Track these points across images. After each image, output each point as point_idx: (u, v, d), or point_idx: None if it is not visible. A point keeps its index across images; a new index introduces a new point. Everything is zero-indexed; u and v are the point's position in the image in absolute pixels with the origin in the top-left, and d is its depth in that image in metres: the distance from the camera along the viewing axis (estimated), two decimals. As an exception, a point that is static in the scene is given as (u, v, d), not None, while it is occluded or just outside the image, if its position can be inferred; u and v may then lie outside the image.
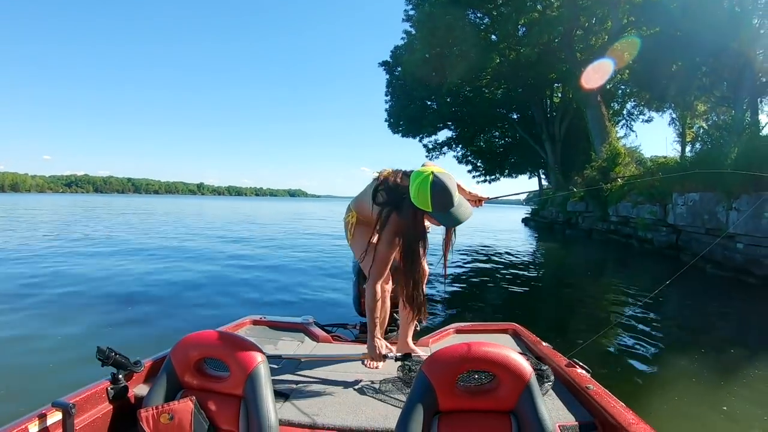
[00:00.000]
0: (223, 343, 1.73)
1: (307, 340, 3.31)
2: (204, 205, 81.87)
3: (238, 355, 1.70)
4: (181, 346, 1.74)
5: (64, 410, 1.76)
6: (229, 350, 1.71)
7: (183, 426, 1.66)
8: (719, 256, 12.00)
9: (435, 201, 2.35)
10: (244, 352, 1.71)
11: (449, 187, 2.34)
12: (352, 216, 3.11)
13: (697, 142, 18.52)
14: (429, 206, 2.37)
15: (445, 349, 1.65)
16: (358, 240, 3.08)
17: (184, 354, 1.73)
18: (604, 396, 2.10)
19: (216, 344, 1.73)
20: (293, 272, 11.40)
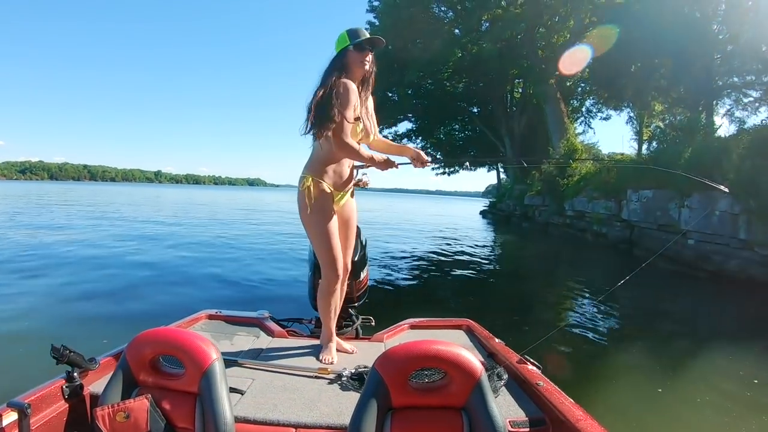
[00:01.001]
0: (178, 340, 1.73)
1: (262, 335, 3.28)
2: (161, 193, 79.73)
3: (192, 352, 1.69)
4: (136, 344, 1.73)
5: (19, 410, 1.73)
6: (184, 347, 1.70)
7: (139, 425, 1.66)
8: (671, 252, 12.47)
9: (349, 31, 2.85)
10: (199, 350, 1.70)
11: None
12: (307, 180, 2.83)
13: (654, 140, 19.01)
14: (346, 38, 2.82)
15: (398, 347, 1.69)
16: (318, 214, 2.82)
17: (138, 352, 1.72)
18: (554, 393, 2.14)
19: (171, 342, 1.73)
20: (249, 265, 11.20)
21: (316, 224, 2.83)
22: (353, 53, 2.81)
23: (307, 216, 2.82)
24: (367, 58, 2.86)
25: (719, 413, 4.28)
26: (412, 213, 42.76)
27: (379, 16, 34.20)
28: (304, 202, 2.80)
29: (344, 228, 3.04)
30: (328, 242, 2.82)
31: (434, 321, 3.64)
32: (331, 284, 2.88)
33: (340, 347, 3.05)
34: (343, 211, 3.00)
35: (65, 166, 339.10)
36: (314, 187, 2.79)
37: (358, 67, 2.84)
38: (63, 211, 26.17)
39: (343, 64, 2.82)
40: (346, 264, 3.08)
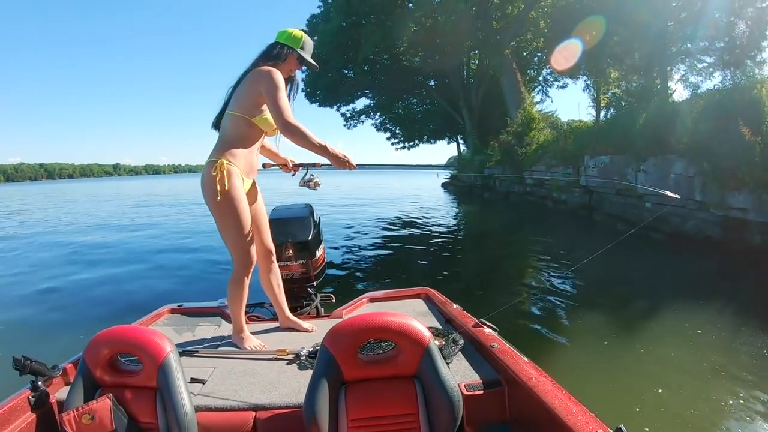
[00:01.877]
0: (132, 336, 1.75)
1: (223, 323, 3.30)
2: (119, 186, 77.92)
3: (147, 347, 1.72)
4: (93, 345, 1.75)
5: None
6: (138, 343, 1.73)
7: (104, 424, 1.68)
8: (629, 215, 12.79)
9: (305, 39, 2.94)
10: (153, 344, 1.73)
11: None
12: (219, 164, 2.69)
13: (611, 107, 19.30)
14: (300, 42, 2.91)
15: (345, 322, 1.73)
16: (230, 200, 2.69)
17: (96, 353, 1.74)
18: (508, 353, 2.18)
19: (125, 339, 1.75)
20: (207, 254, 11.08)
21: (226, 212, 2.71)
22: (292, 58, 2.88)
23: (217, 203, 2.69)
24: (295, 68, 2.95)
25: (667, 364, 4.50)
26: (372, 188, 42.67)
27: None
28: (213, 187, 2.66)
29: (256, 214, 3.02)
30: (240, 230, 2.75)
31: (393, 292, 3.69)
32: (242, 274, 2.84)
33: (299, 327, 3.10)
34: (251, 196, 2.96)
35: (21, 166, 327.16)
36: (227, 171, 2.69)
37: (285, 70, 2.87)
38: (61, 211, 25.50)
39: (281, 58, 2.86)
40: (269, 247, 3.11)
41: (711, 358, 4.59)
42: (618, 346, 4.94)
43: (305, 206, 4.29)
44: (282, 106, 2.66)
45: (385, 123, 47.03)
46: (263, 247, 3.08)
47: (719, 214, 9.52)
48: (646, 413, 3.62)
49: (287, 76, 2.91)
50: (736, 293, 7.04)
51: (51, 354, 2.15)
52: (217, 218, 2.76)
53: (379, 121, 46.68)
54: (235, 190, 2.71)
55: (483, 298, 6.67)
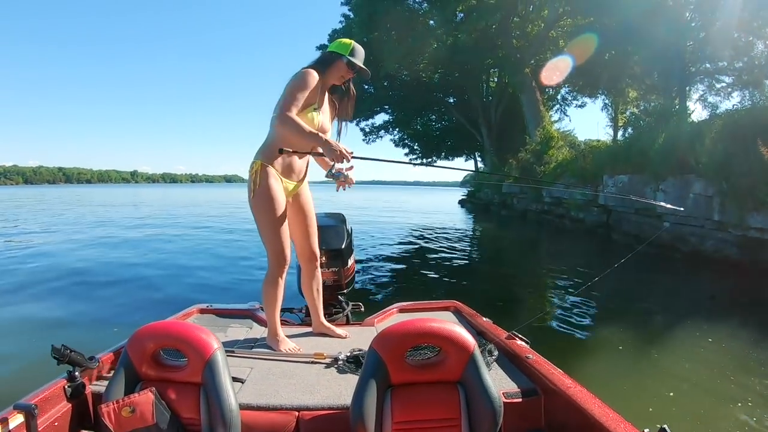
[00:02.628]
0: (179, 332, 1.76)
1: (255, 326, 3.32)
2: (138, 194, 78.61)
3: (194, 343, 1.72)
4: (137, 339, 1.75)
5: (26, 412, 1.75)
6: (185, 339, 1.73)
7: (145, 417, 1.68)
8: (648, 234, 12.74)
9: (354, 45, 2.95)
10: (200, 340, 1.73)
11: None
12: (256, 165, 2.84)
13: (629, 126, 19.28)
14: (348, 49, 2.92)
15: (394, 326, 1.76)
16: (263, 199, 2.80)
17: (140, 346, 1.74)
18: (543, 364, 2.25)
19: (171, 334, 1.75)
20: (234, 258, 11.26)
21: (260, 210, 2.82)
22: (342, 64, 2.91)
23: (252, 201, 2.83)
24: (347, 75, 2.98)
25: (696, 379, 4.51)
26: (392, 204, 42.78)
27: (354, 9, 34.13)
28: (251, 186, 2.81)
29: (302, 217, 3.08)
30: (273, 230, 2.83)
31: (422, 304, 3.72)
32: (276, 274, 2.88)
33: (332, 333, 3.12)
34: (297, 201, 3.04)
35: (40, 169, 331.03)
36: (261, 171, 2.80)
37: (335, 77, 2.95)
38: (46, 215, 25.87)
39: (327, 63, 2.92)
40: (314, 251, 3.15)
41: (731, 372, 4.63)
42: (641, 360, 4.99)
43: (339, 215, 4.34)
44: (287, 97, 2.73)
45: (404, 139, 47.19)
46: (308, 251, 3.14)
47: (737, 234, 9.51)
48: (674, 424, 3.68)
49: (339, 83, 3.00)
50: (755, 311, 7.04)
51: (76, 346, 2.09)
52: (254, 216, 2.86)
53: (397, 137, 46.88)
54: (269, 190, 2.78)
55: (508, 312, 6.73)
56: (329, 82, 2.97)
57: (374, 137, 45.01)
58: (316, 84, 2.83)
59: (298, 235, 3.10)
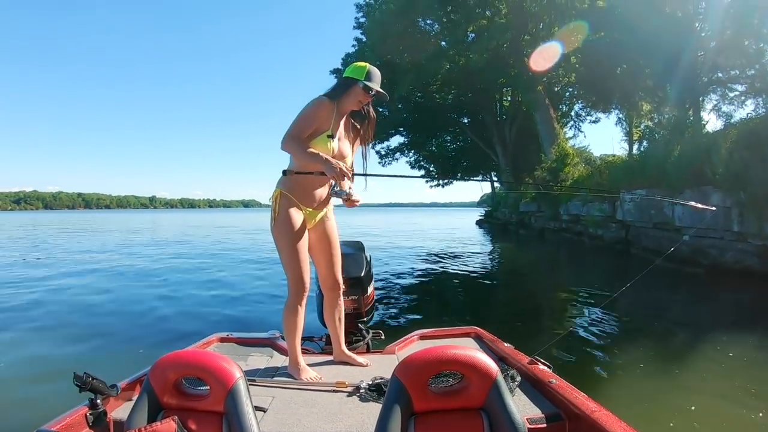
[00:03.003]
0: (201, 361, 1.74)
1: (275, 354, 3.35)
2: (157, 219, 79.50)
3: (216, 372, 1.70)
4: (159, 367, 1.73)
5: None
6: (207, 368, 1.71)
7: None
8: (667, 249, 12.54)
9: (370, 69, 2.93)
10: (223, 369, 1.71)
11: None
12: (276, 192, 2.93)
13: (644, 140, 19.18)
14: (363, 73, 2.90)
15: (416, 354, 1.72)
16: (283, 226, 2.87)
17: (162, 375, 1.72)
18: (566, 389, 2.24)
19: (193, 363, 1.74)
20: (252, 285, 11.11)
21: (280, 237, 2.87)
22: (358, 89, 2.89)
23: (273, 228, 2.89)
24: (365, 100, 2.95)
25: (720, 395, 4.37)
26: (409, 226, 42.75)
27: (366, 33, 34.53)
28: (272, 214, 2.89)
29: (326, 244, 3.10)
30: (292, 257, 2.86)
31: (443, 330, 3.71)
32: (295, 301, 2.90)
33: (354, 361, 3.12)
34: (319, 229, 3.06)
35: (59, 195, 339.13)
36: (281, 199, 2.87)
37: (352, 102, 2.93)
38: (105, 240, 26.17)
39: (342, 89, 2.92)
40: (337, 280, 3.16)
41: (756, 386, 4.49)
42: (665, 378, 4.84)
43: (358, 243, 4.36)
44: (293, 124, 2.80)
45: (420, 161, 47.37)
46: (331, 279, 3.14)
47: (758, 244, 9.33)
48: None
49: (358, 108, 2.99)
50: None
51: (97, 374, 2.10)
52: (275, 243, 2.91)
53: (413, 159, 47.06)
54: (288, 218, 2.85)
55: (528, 335, 6.61)
56: (347, 107, 2.97)
57: (390, 159, 45.18)
58: (328, 111, 2.86)
59: (321, 263, 3.13)
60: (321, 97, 2.87)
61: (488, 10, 28.67)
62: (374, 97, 2.98)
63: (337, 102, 2.90)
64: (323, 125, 2.85)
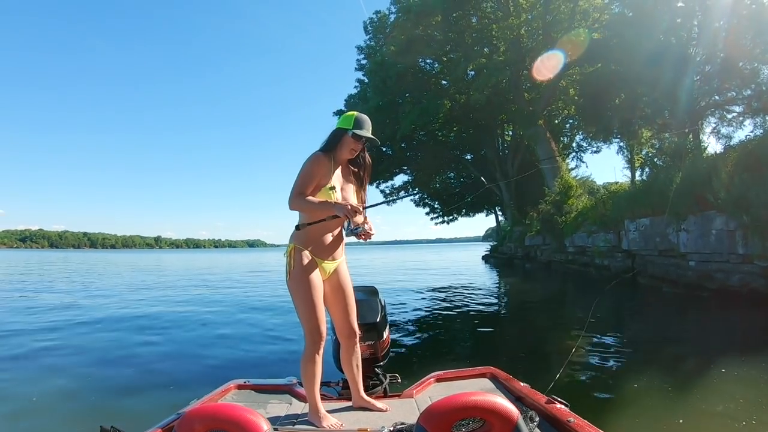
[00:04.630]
0: (227, 414, 1.77)
1: (294, 401, 3.33)
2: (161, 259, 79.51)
3: (244, 425, 1.73)
4: (186, 421, 1.76)
5: None
6: (235, 421, 1.74)
7: None
8: (673, 275, 12.53)
9: (357, 117, 3.02)
10: (250, 422, 1.74)
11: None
12: (289, 248, 3.01)
13: (646, 167, 19.26)
14: (351, 122, 3.00)
15: (439, 402, 1.77)
16: (298, 281, 2.93)
17: (189, 429, 1.75)
18: (585, 427, 2.22)
19: (220, 417, 1.77)
20: (265, 329, 11.03)
21: (296, 291, 2.93)
22: (348, 138, 3.00)
23: (289, 282, 2.96)
24: (357, 147, 3.05)
25: (738, 419, 4.34)
26: (414, 264, 42.66)
27: (368, 74, 35.11)
28: (287, 268, 2.96)
29: (340, 295, 3.14)
30: (309, 310, 2.91)
31: (458, 372, 3.70)
32: (312, 350, 2.94)
33: (373, 406, 3.11)
34: (333, 279, 3.11)
35: (65, 234, 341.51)
36: (295, 254, 2.94)
37: (346, 151, 3.03)
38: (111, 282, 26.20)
39: (335, 142, 3.03)
40: (353, 328, 3.19)
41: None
42: (680, 405, 4.78)
43: (371, 288, 4.39)
44: (295, 183, 2.92)
45: (424, 198, 47.60)
46: (347, 328, 3.18)
47: (763, 265, 9.30)
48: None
49: (352, 156, 3.09)
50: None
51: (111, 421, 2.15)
52: (291, 296, 2.96)
53: (417, 197, 47.29)
54: (303, 272, 2.91)
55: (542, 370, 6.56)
56: (343, 157, 3.08)
57: (394, 198, 45.28)
58: (326, 165, 2.98)
59: (336, 313, 3.17)
60: (317, 153, 2.98)
61: (486, 47, 29.18)
62: (366, 143, 3.09)
63: (332, 154, 3.01)
64: (323, 180, 2.95)
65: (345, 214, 2.83)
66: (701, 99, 17.74)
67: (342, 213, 2.83)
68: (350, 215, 2.84)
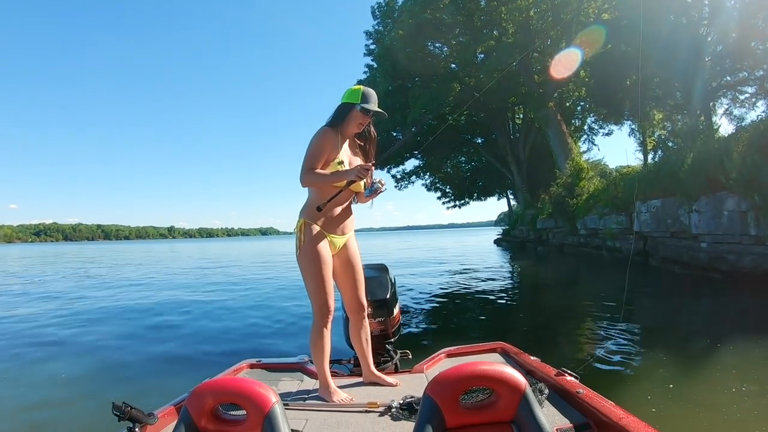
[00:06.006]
0: (237, 387, 1.77)
1: (306, 378, 3.38)
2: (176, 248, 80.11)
3: (253, 397, 1.73)
4: (197, 395, 1.77)
5: None
6: (244, 393, 1.74)
7: None
8: (686, 257, 12.49)
9: (364, 91, 3.04)
10: (259, 394, 1.74)
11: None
12: (300, 223, 3.03)
13: (658, 149, 19.11)
14: (359, 96, 3.02)
15: (447, 371, 1.74)
16: (308, 256, 2.96)
17: (200, 402, 1.75)
18: (594, 398, 2.25)
19: (230, 390, 1.77)
20: (277, 310, 11.15)
21: (306, 265, 2.96)
22: (356, 112, 3.02)
23: (299, 257, 2.99)
24: (364, 121, 3.07)
25: (749, 398, 4.37)
26: (428, 248, 42.65)
27: (377, 59, 34.94)
28: (297, 243, 2.99)
29: (350, 269, 3.18)
30: (318, 284, 2.94)
31: (469, 347, 3.74)
32: (320, 324, 2.98)
33: (383, 381, 3.16)
34: (342, 254, 3.14)
35: (79, 226, 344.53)
36: (305, 229, 2.97)
37: (353, 125, 3.06)
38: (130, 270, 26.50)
39: (341, 116, 3.04)
40: (362, 302, 3.23)
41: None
42: (691, 383, 4.81)
43: (382, 266, 4.44)
44: (305, 159, 2.94)
45: (435, 183, 47.45)
46: (356, 303, 3.22)
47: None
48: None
49: (360, 130, 3.12)
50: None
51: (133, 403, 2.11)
52: (301, 271, 3.01)
53: (429, 181, 47.19)
54: (313, 246, 2.95)
55: (554, 348, 6.62)
56: (349, 132, 3.11)
57: (406, 183, 45.26)
58: (334, 140, 3.00)
59: (346, 287, 3.20)
60: (324, 127, 3.01)
61: (495, 30, 28.92)
62: (373, 116, 3.10)
63: (339, 129, 3.03)
64: (332, 154, 2.98)
65: (357, 175, 2.89)
66: (713, 80, 17.53)
67: (356, 176, 2.89)
68: (363, 175, 2.90)
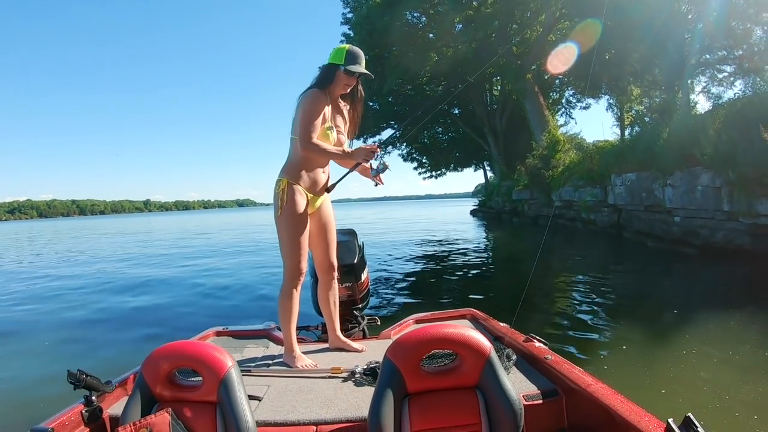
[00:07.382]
0: (193, 351, 1.74)
1: (271, 345, 3.35)
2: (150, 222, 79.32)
3: (208, 362, 1.71)
4: (152, 360, 1.73)
5: None
6: (199, 358, 1.72)
7: None
8: (659, 230, 12.70)
9: (350, 50, 2.98)
10: (214, 359, 1.72)
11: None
12: (282, 183, 2.95)
13: (635, 124, 19.24)
14: (342, 56, 2.95)
15: (408, 334, 1.73)
16: (289, 217, 2.92)
17: (155, 367, 1.73)
18: (562, 364, 2.23)
19: (186, 354, 1.74)
20: (247, 280, 11.25)
21: (285, 227, 2.92)
22: (341, 74, 2.96)
23: (279, 218, 2.94)
24: (351, 82, 3.03)
25: (710, 367, 4.51)
26: (404, 219, 42.79)
27: (354, 28, 34.44)
28: (278, 204, 2.92)
29: (323, 230, 3.16)
30: (294, 245, 2.92)
31: (438, 314, 3.73)
32: (291, 286, 2.96)
33: (349, 347, 3.16)
34: (320, 214, 3.13)
35: (53, 203, 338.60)
36: (288, 189, 2.91)
37: (339, 87, 3.02)
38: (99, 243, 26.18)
39: (328, 78, 2.99)
40: (332, 263, 3.23)
41: (749, 358, 4.65)
42: (660, 352, 4.95)
43: (350, 230, 4.39)
44: (304, 125, 2.85)
45: (412, 153, 47.31)
46: (327, 262, 3.22)
47: (748, 223, 9.42)
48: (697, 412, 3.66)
49: (346, 91, 3.09)
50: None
51: (93, 371, 2.12)
52: (278, 231, 2.96)
53: (405, 152, 47.01)
54: (295, 207, 2.90)
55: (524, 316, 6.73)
56: (336, 93, 3.07)
57: (382, 153, 44.84)
58: (325, 102, 2.96)
59: (318, 247, 3.19)
60: (314, 89, 2.94)
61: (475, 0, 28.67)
62: (360, 77, 3.07)
63: (327, 90, 2.98)
64: (324, 118, 2.94)
65: (368, 158, 2.93)
66: (691, 57, 17.60)
67: (364, 158, 2.92)
68: (369, 158, 2.93)
